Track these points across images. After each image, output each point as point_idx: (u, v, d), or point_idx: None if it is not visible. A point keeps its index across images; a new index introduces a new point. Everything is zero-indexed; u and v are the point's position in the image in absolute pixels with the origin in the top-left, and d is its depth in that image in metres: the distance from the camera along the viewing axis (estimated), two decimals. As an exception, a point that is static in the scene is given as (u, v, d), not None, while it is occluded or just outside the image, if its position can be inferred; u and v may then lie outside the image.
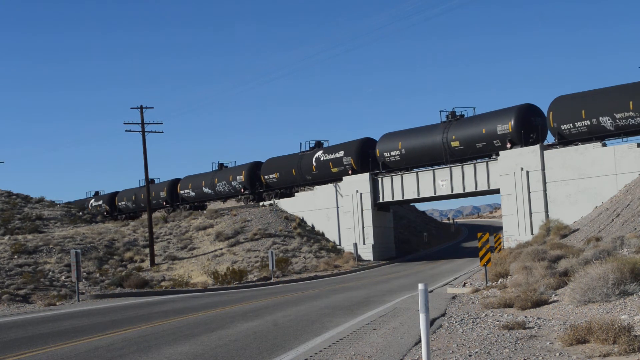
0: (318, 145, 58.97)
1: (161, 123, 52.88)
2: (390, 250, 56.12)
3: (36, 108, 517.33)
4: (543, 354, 10.70)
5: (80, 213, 66.54)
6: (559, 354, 10.58)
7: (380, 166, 52.98)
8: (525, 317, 14.67)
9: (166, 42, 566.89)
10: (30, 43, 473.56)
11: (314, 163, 57.04)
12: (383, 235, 55.18)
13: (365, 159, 53.79)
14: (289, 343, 13.45)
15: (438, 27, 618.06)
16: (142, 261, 49.72)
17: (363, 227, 53.92)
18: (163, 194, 71.82)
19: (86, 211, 71.51)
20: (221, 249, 51.34)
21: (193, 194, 67.64)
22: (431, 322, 15.19)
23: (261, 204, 60.86)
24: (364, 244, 53.54)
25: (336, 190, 55.82)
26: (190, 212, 64.21)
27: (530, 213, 42.57)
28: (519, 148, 43.34)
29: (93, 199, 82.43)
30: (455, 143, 47.33)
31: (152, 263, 48.86)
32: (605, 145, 39.72)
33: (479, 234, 24.61)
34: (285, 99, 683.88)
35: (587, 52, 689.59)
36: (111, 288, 38.08)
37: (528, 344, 11.63)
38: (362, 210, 53.91)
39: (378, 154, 52.65)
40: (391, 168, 52.47)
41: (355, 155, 54.02)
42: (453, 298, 21.15)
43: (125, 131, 51.92)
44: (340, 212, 55.61)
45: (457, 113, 49.27)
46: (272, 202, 61.02)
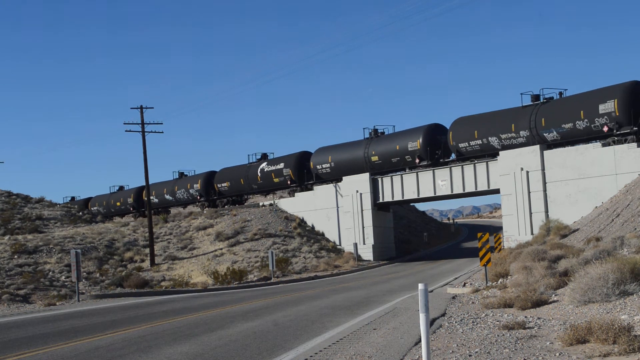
0: (264, 157, 63.67)
1: (161, 123, 52.96)
2: (390, 250, 56.14)
3: (36, 108, 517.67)
4: (543, 354, 10.70)
5: (80, 213, 66.57)
6: (559, 354, 10.58)
7: (313, 177, 57.82)
8: (525, 317, 14.67)
9: (166, 42, 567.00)
10: (30, 43, 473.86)
11: (259, 174, 61.71)
12: (383, 235, 55.18)
13: (302, 171, 58.64)
14: (289, 343, 13.45)
15: (438, 27, 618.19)
16: (142, 261, 49.72)
17: (363, 227, 53.93)
18: (130, 200, 76.17)
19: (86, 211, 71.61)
20: (221, 249, 51.34)
21: (156, 201, 71.99)
22: (431, 322, 15.19)
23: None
24: (364, 244, 53.55)
25: (336, 190, 55.85)
26: (190, 213, 64.24)
27: (530, 213, 42.57)
28: (519, 148, 43.37)
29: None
30: (374, 158, 52.98)
31: (152, 263, 48.86)
32: (605, 145, 39.73)
33: (479, 234, 24.61)
34: (285, 99, 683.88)
35: (587, 52, 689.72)
36: (111, 288, 38.09)
37: (528, 344, 11.63)
38: (362, 210, 53.93)
39: (312, 166, 57.54)
40: (322, 179, 57.60)
41: (293, 167, 58.78)
42: (453, 298, 21.15)
43: (125, 131, 52.00)
44: (340, 212, 55.63)
45: (379, 130, 54.76)
46: (272, 202, 61.12)
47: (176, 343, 13.98)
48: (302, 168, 58.54)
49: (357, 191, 54.10)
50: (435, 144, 49.14)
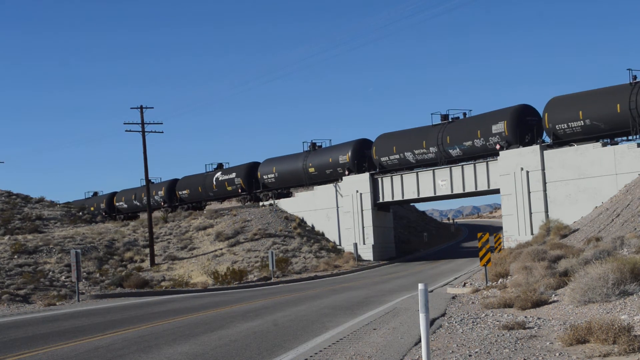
0: (219, 166, 67.97)
1: (161, 123, 53.01)
2: (390, 250, 56.15)
3: (36, 108, 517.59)
4: (543, 354, 10.70)
5: (80, 213, 66.59)
6: (559, 354, 10.58)
7: (261, 186, 62.66)
8: (525, 317, 14.67)
9: (166, 42, 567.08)
10: (30, 43, 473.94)
11: (214, 182, 66.03)
12: (383, 235, 55.19)
13: (251, 180, 63.31)
14: (289, 343, 13.45)
15: (438, 27, 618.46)
16: (142, 261, 49.72)
17: (363, 227, 53.94)
18: (103, 206, 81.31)
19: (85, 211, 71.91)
20: (221, 249, 51.35)
21: (125, 206, 76.92)
22: (431, 322, 15.20)
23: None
24: (364, 244, 53.56)
25: (336, 190, 55.87)
26: (190, 213, 64.29)
27: (530, 213, 42.58)
28: (518, 148, 43.37)
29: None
30: (312, 169, 57.91)
31: (152, 263, 48.86)
32: (605, 145, 39.76)
33: (479, 234, 24.62)
34: (285, 99, 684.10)
35: (587, 52, 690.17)
36: (111, 288, 38.08)
37: (528, 344, 11.63)
38: (362, 210, 53.94)
39: (259, 176, 62.32)
40: (269, 188, 62.26)
41: (243, 176, 63.43)
42: (453, 298, 21.15)
43: (125, 131, 52.01)
44: (340, 212, 55.65)
45: (317, 144, 59.79)
46: (272, 202, 61.20)
47: (176, 343, 13.98)
48: (252, 178, 63.09)
49: (357, 191, 54.12)
50: (362, 158, 54.57)
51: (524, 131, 43.92)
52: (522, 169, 42.82)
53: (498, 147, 44.51)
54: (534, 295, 16.68)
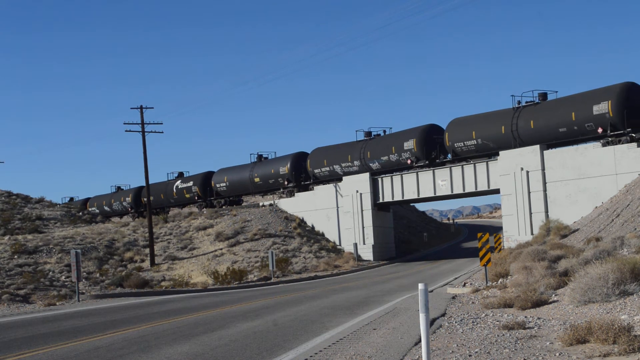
0: (180, 175, 72.65)
1: (161, 123, 53.02)
2: (390, 250, 56.16)
3: (36, 108, 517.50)
4: (543, 354, 10.71)
5: (80, 213, 66.61)
6: (559, 354, 10.58)
7: (214, 194, 66.78)
8: (525, 317, 14.67)
9: (166, 42, 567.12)
10: (30, 43, 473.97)
11: (175, 190, 70.22)
12: (383, 235, 55.19)
13: (206, 188, 67.49)
14: (289, 343, 13.46)
15: (438, 27, 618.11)
16: (142, 261, 49.72)
17: (363, 227, 53.95)
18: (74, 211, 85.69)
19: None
20: (221, 249, 51.35)
21: (97, 211, 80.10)
22: (431, 322, 15.20)
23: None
24: (364, 244, 53.57)
25: (336, 190, 55.89)
26: (190, 213, 64.33)
27: (530, 213, 42.58)
28: (519, 148, 43.38)
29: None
30: (257, 179, 62.19)
31: (152, 263, 48.86)
32: (605, 145, 39.76)
33: (479, 234, 24.61)
34: (284, 99, 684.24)
35: (585, 52, 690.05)
36: (111, 288, 38.08)
37: (528, 344, 11.63)
38: (362, 210, 53.96)
39: (213, 185, 66.44)
40: (221, 196, 66.44)
41: (199, 185, 67.57)
42: (453, 298, 21.16)
43: (125, 131, 52.01)
44: (340, 212, 55.67)
45: (264, 156, 64.53)
46: (272, 203, 61.27)
47: (176, 343, 13.98)
48: (207, 186, 67.36)
49: (357, 191, 54.13)
50: (299, 170, 59.29)
51: (431, 148, 49.63)
52: (522, 169, 42.82)
53: (409, 162, 50.60)
54: (534, 295, 16.68)
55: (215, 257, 49.68)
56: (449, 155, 48.38)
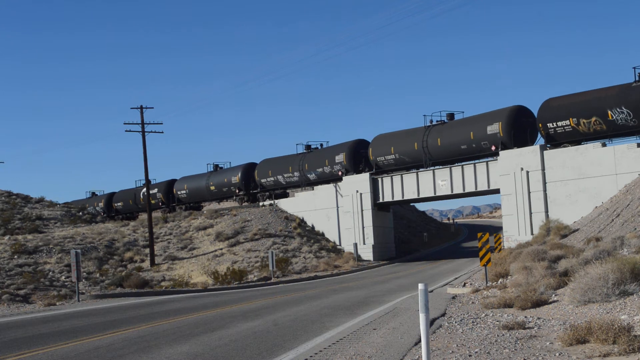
0: (147, 183, 77.05)
1: (161, 123, 53.04)
2: (390, 250, 56.16)
3: (36, 108, 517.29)
4: (543, 354, 10.71)
5: (80, 213, 66.60)
6: (559, 354, 10.58)
7: (176, 200, 72.30)
8: (525, 317, 14.67)
9: (166, 42, 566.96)
10: (30, 43, 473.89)
11: (142, 196, 74.51)
12: (383, 235, 55.19)
13: (169, 195, 73.11)
14: (289, 343, 13.46)
15: (438, 27, 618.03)
16: (142, 261, 49.71)
17: (363, 227, 53.95)
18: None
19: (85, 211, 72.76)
20: (221, 249, 51.35)
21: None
22: (431, 322, 15.20)
23: (260, 204, 63.14)
24: (364, 244, 53.56)
25: (336, 190, 55.89)
26: (190, 212, 64.34)
27: (530, 213, 42.58)
28: (519, 148, 43.38)
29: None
30: (212, 187, 67.12)
31: (152, 263, 48.86)
32: (605, 145, 39.78)
33: (479, 234, 24.61)
34: (284, 99, 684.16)
35: (584, 52, 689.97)
36: (111, 288, 38.07)
37: (528, 344, 11.63)
38: (362, 210, 53.96)
39: (175, 192, 72.12)
40: (182, 202, 72.02)
41: (163, 192, 73.18)
42: (453, 298, 21.16)
43: (125, 131, 52.03)
44: (340, 212, 55.67)
45: (219, 166, 69.44)
46: (272, 202, 61.30)
47: (176, 343, 13.98)
48: (169, 193, 72.58)
49: (357, 191, 54.13)
50: (249, 179, 64.34)
51: (358, 161, 55.31)
52: (522, 169, 42.83)
53: (340, 174, 56.04)
54: (534, 295, 16.69)
55: (215, 257, 49.68)
56: (374, 168, 53.92)
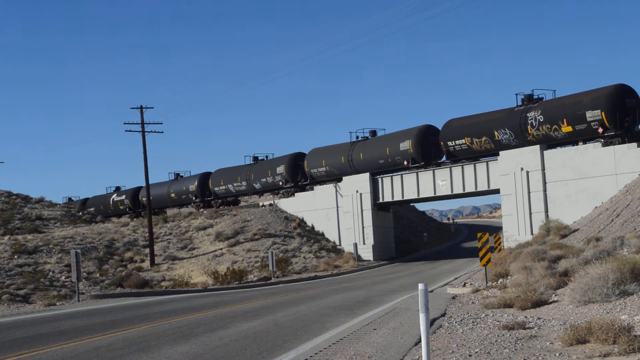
0: (117, 189, 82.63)
1: (161, 123, 53.09)
2: (390, 250, 56.14)
3: (36, 108, 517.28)
4: (543, 354, 10.71)
5: (80, 213, 66.57)
6: (559, 354, 10.58)
7: (141, 207, 75.03)
8: (525, 317, 14.67)
9: (166, 42, 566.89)
10: (30, 43, 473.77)
11: (111, 202, 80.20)
12: (383, 235, 55.17)
13: (135, 201, 77.02)
14: (289, 343, 13.46)
15: (438, 27, 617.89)
16: (142, 261, 49.70)
17: (363, 227, 53.92)
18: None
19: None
20: (221, 249, 51.34)
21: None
22: (431, 322, 15.20)
23: (259, 205, 63.24)
24: (364, 244, 53.54)
25: (336, 190, 55.87)
26: (190, 213, 64.33)
27: (530, 213, 42.55)
28: (519, 148, 43.38)
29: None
30: (173, 195, 72.65)
31: (152, 263, 48.85)
32: (605, 145, 39.74)
33: (479, 234, 24.59)
34: (284, 99, 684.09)
35: (583, 52, 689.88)
36: (111, 288, 38.07)
37: (528, 344, 11.63)
38: (362, 210, 53.93)
39: (140, 198, 75.55)
40: (146, 208, 73.05)
41: (130, 198, 77.47)
42: (453, 298, 21.15)
43: (125, 131, 52.02)
44: (340, 212, 55.65)
45: (180, 174, 74.27)
46: (273, 202, 61.29)
47: (176, 343, 13.98)
48: (136, 199, 76.86)
49: (357, 191, 54.11)
50: (204, 188, 69.27)
51: (295, 173, 60.24)
52: (522, 169, 42.81)
53: (280, 184, 61.23)
54: (534, 295, 16.68)
55: (215, 257, 49.67)
56: (309, 179, 59.26)
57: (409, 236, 70.69)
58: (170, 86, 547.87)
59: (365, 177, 53.79)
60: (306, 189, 59.79)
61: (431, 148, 49.68)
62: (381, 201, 53.78)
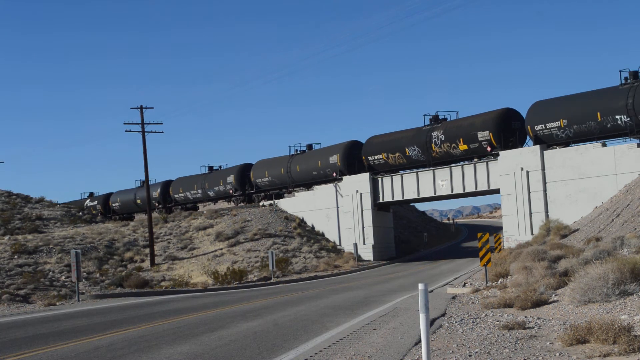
0: (90, 195, 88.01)
1: (161, 123, 53.14)
2: (390, 250, 56.14)
3: (36, 108, 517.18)
4: (543, 354, 10.71)
5: (80, 213, 66.60)
6: (559, 354, 10.58)
7: (111, 212, 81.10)
8: (525, 317, 14.67)
9: (166, 42, 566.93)
10: (30, 42, 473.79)
11: (85, 207, 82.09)
12: (383, 235, 55.18)
13: (105, 207, 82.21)
14: (289, 343, 13.46)
15: (438, 27, 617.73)
16: (142, 261, 49.71)
17: (363, 227, 53.93)
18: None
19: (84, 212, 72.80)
20: (221, 249, 51.34)
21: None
22: (431, 322, 15.20)
23: (259, 204, 63.18)
24: (364, 244, 53.54)
25: (336, 190, 55.87)
26: (190, 213, 64.35)
27: (530, 213, 42.56)
28: (519, 148, 43.39)
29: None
30: (138, 200, 75.78)
31: (152, 263, 48.85)
32: (605, 145, 39.77)
33: (479, 234, 24.60)
34: (284, 99, 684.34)
35: (583, 52, 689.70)
36: (111, 288, 38.08)
37: (528, 344, 11.63)
38: (362, 210, 53.94)
39: (110, 204, 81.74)
40: (117, 212, 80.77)
41: (101, 204, 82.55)
42: (453, 298, 21.15)
43: (125, 131, 52.04)
44: (340, 212, 55.65)
45: (143, 181, 72.19)
46: (272, 202, 61.28)
47: (176, 343, 13.98)
48: (106, 205, 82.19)
49: (357, 191, 54.11)
50: (165, 195, 74.34)
51: (244, 182, 65.20)
52: (522, 169, 42.82)
53: (231, 192, 66.18)
54: (534, 295, 16.68)
55: (215, 257, 49.68)
56: (254, 188, 64.51)
57: (409, 236, 70.71)
58: (170, 86, 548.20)
59: (365, 177, 53.80)
60: (252, 198, 65.50)
61: (355, 161, 55.22)
62: (381, 201, 53.79)
